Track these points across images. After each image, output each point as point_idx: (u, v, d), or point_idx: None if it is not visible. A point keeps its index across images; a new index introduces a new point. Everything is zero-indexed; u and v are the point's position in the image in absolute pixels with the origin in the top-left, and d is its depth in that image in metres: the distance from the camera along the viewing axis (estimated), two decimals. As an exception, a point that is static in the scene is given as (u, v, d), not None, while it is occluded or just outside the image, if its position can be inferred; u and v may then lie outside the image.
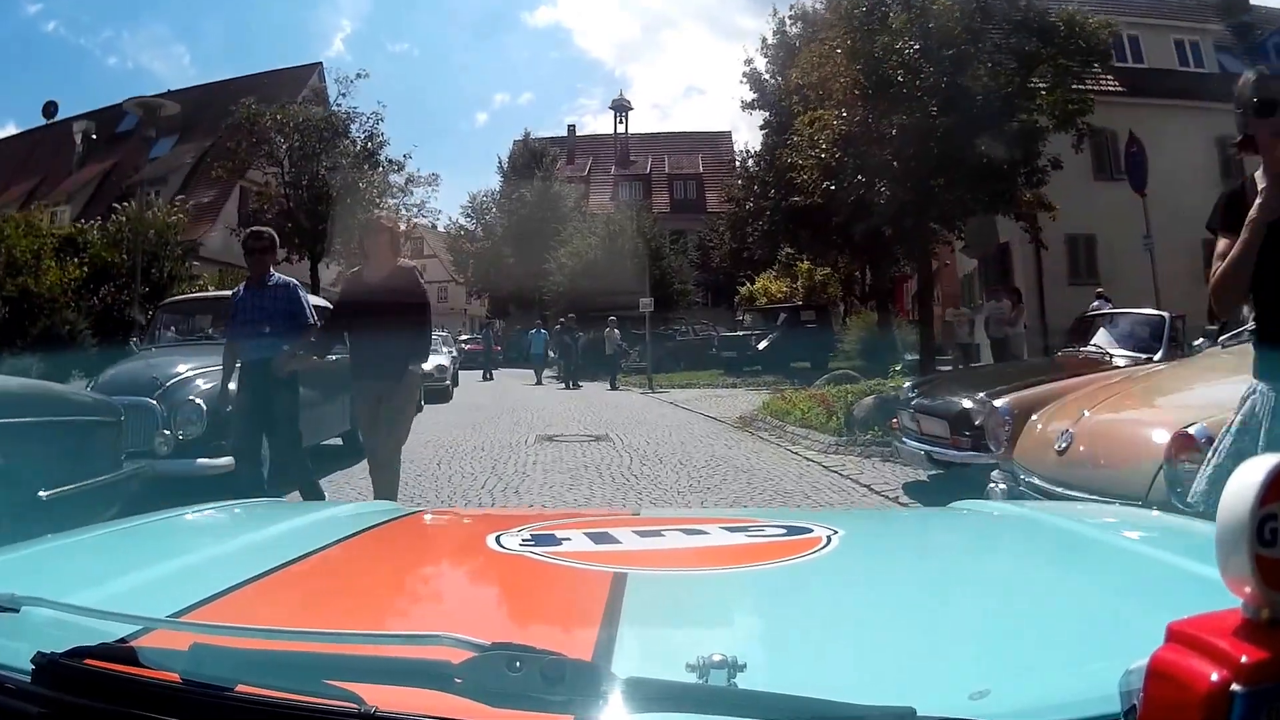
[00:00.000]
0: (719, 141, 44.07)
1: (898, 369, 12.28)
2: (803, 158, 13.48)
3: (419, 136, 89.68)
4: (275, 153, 24.25)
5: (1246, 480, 0.48)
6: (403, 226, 28.45)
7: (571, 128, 47.71)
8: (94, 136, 29.16)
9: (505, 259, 34.96)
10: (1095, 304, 12.65)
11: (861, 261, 21.72)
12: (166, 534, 1.49)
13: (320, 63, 26.95)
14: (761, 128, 21.51)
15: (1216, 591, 0.50)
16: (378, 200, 25.62)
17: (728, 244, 33.89)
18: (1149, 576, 1.07)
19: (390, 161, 26.80)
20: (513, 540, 1.24)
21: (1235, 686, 0.46)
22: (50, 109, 30.35)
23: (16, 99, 56.61)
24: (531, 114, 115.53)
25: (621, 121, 46.05)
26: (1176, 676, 0.48)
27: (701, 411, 12.99)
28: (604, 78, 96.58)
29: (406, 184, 28.14)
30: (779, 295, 26.52)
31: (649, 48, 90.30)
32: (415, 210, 29.01)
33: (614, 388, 19.02)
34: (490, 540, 1.25)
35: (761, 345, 20.44)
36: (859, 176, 12.49)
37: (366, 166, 25.46)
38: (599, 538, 1.27)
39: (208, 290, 18.55)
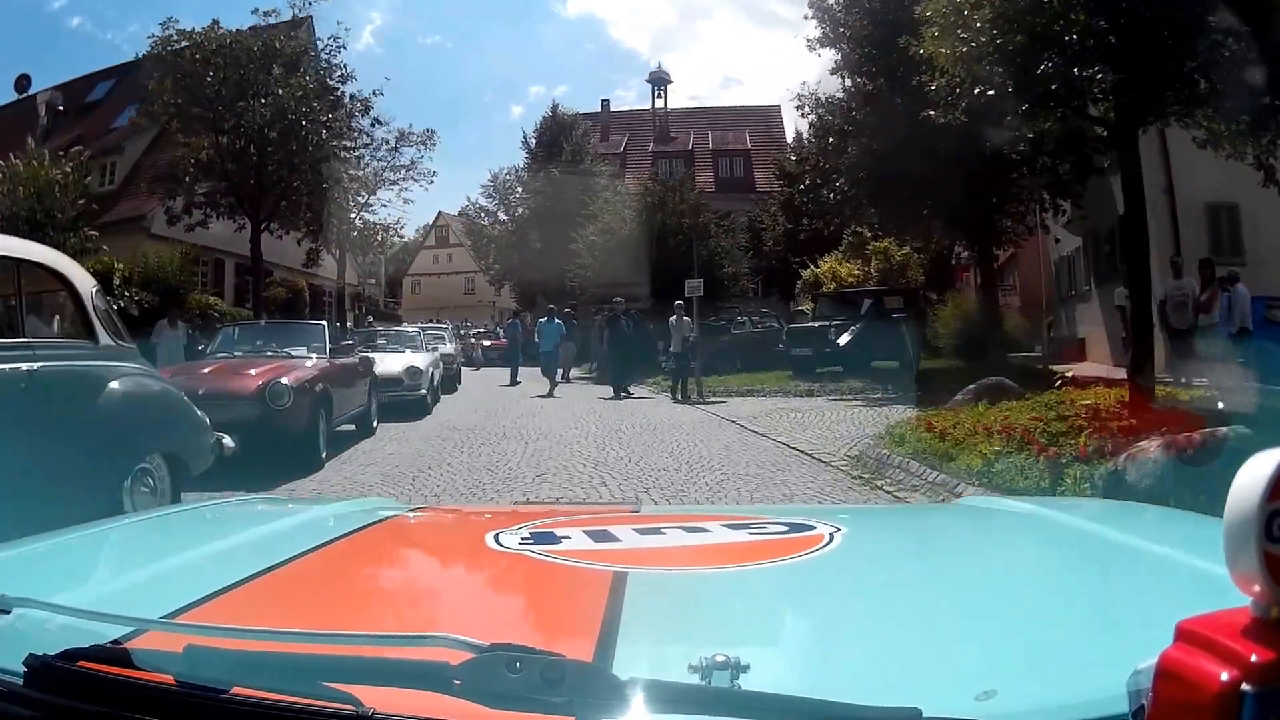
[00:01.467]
0: (768, 117, 44.20)
1: (1069, 374, 9.69)
2: (949, 45, 9.77)
3: (453, 129, 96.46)
4: (199, 89, 20.79)
5: (1254, 475, 0.52)
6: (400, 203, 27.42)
7: (605, 103, 47.89)
8: (60, 108, 29.82)
9: (531, 244, 34.07)
10: (1242, 289, 11.49)
11: (959, 233, 19.15)
12: (159, 533, 1.62)
13: (309, 17, 24.08)
14: (833, 71, 20.02)
15: (1226, 589, 0.54)
16: (338, 149, 22.75)
17: (781, 225, 33.17)
18: (1157, 574, 1.16)
19: (355, 99, 23.56)
20: (511, 539, 1.36)
21: (1245, 686, 0.51)
22: (22, 83, 31.54)
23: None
24: (567, 104, 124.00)
25: (660, 96, 46.09)
26: (1186, 676, 0.53)
27: (784, 440, 9.50)
28: (639, 68, 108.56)
29: (396, 142, 26.54)
30: (849, 279, 24.83)
31: (685, 37, 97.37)
32: (404, 172, 27.65)
33: (681, 399, 15.52)
34: (489, 539, 1.36)
35: (843, 340, 17.93)
36: (1044, 64, 8.82)
37: (320, 104, 21.81)
38: (598, 536, 1.38)
39: (114, 267, 16.25)
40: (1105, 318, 19.28)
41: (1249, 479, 0.53)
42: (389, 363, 12.98)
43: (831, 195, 19.89)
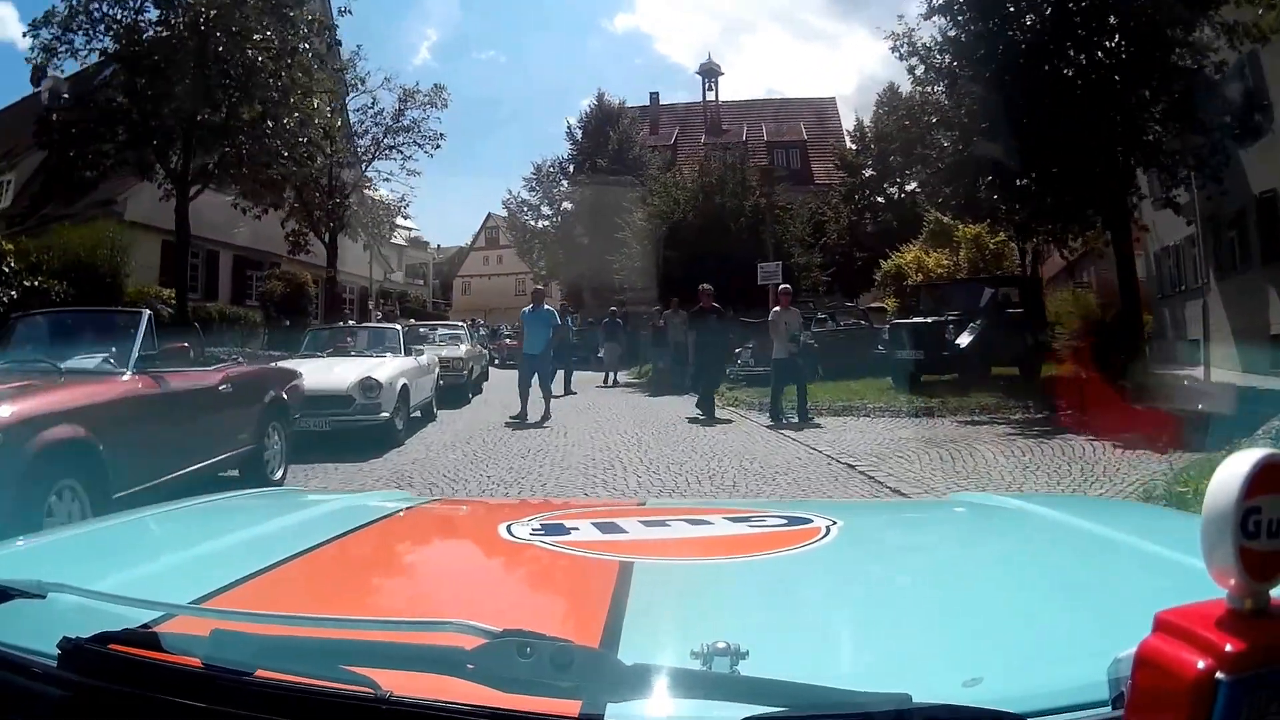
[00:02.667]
0: (823, 109, 44.95)
1: None
2: None
3: (503, 138, 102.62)
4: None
5: (1232, 473, 0.57)
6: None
7: (655, 95, 47.95)
8: (65, 95, 31.21)
9: (576, 239, 33.53)
10: None
11: (1092, 209, 15.07)
12: (188, 522, 1.73)
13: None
14: (927, 15, 15.78)
15: (1203, 582, 0.58)
16: (280, 79, 17.92)
17: (845, 218, 32.92)
18: (1138, 567, 1.25)
19: (311, 20, 19.09)
20: (523, 529, 1.47)
21: (1220, 675, 0.55)
22: (38, 75, 33.12)
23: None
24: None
25: (710, 89, 46.46)
26: (1163, 665, 0.58)
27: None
28: (685, 81, 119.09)
29: (402, 104, 25.94)
30: (937, 271, 23.23)
31: (728, 49, 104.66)
32: (405, 137, 26.93)
33: (804, 420, 11.68)
34: (501, 529, 1.48)
35: (963, 340, 14.84)
36: None
37: (254, 20, 17.39)
38: (606, 527, 1.50)
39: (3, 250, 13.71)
40: (1230, 316, 17.39)
41: (1226, 477, 0.57)
42: (340, 373, 9.58)
43: (942, 158, 16.80)
